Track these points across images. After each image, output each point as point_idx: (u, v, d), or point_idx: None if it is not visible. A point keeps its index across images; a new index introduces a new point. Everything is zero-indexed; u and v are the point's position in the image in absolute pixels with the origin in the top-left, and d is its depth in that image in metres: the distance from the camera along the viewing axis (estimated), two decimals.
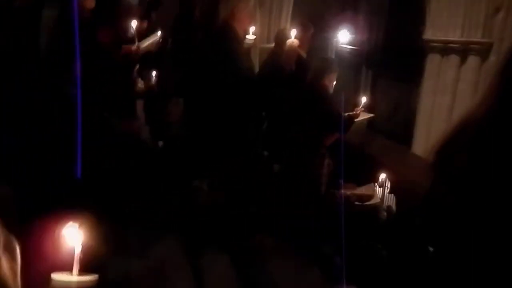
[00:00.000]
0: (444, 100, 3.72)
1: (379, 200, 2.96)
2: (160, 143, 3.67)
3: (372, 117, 3.77)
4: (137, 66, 3.49)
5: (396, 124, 4.53)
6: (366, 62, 4.92)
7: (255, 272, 2.70)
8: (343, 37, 3.86)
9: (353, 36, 4.05)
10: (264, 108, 3.67)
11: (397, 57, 4.53)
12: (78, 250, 1.01)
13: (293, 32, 3.14)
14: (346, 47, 3.91)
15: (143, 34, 3.33)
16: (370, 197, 2.97)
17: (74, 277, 1.00)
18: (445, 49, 3.71)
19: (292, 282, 2.63)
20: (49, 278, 1.00)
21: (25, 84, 2.22)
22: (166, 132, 3.75)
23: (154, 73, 3.61)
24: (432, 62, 3.81)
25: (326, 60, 3.41)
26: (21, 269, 0.89)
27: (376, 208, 2.96)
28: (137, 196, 2.82)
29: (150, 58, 3.51)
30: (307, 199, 2.94)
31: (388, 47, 4.75)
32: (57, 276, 0.99)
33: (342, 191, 2.90)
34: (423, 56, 3.90)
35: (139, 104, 3.64)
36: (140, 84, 3.57)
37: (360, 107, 3.36)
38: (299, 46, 3.21)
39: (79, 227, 1.02)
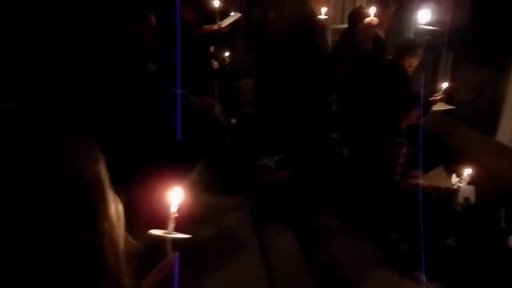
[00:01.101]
0: None
1: (455, 196, 2.77)
2: (233, 120, 3.77)
3: (452, 109, 3.53)
4: (213, 48, 3.58)
5: (478, 112, 4.19)
6: (448, 44, 4.57)
7: (317, 250, 2.71)
8: (424, 17, 3.62)
9: (435, 14, 3.76)
10: (335, 89, 3.60)
11: (482, 39, 4.15)
12: (174, 210, 1.09)
13: (372, 10, 3.01)
14: (426, 27, 3.65)
15: (221, 14, 3.40)
16: (448, 190, 2.79)
17: (169, 233, 1.08)
18: None
19: (354, 264, 2.60)
20: (147, 234, 1.09)
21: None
22: (238, 111, 3.84)
23: (227, 53, 3.68)
24: None
25: (412, 42, 3.17)
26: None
27: (452, 202, 2.79)
28: (209, 167, 2.94)
29: (223, 39, 3.58)
30: (379, 185, 2.85)
31: (473, 28, 4.36)
32: (153, 231, 1.09)
33: (419, 181, 2.77)
34: None
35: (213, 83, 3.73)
36: (214, 64, 3.67)
37: (440, 93, 3.15)
38: (378, 24, 3.08)
39: (177, 188, 1.10)
